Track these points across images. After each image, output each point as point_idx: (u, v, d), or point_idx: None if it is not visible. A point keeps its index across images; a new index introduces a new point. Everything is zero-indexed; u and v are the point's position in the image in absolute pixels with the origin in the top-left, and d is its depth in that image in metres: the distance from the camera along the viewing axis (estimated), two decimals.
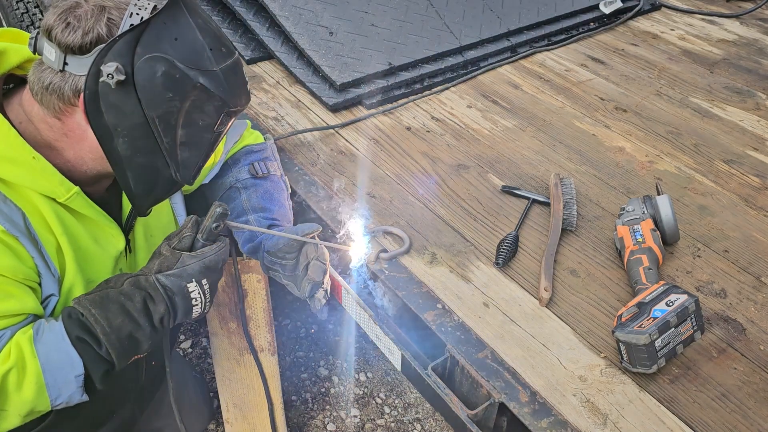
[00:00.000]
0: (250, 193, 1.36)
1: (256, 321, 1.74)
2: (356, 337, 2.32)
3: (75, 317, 0.98)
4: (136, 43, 0.91)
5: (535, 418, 1.02)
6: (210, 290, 1.05)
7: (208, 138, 1.02)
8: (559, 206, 1.42)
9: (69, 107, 0.97)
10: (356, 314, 1.34)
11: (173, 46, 0.92)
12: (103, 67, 0.90)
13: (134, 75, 0.92)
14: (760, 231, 1.45)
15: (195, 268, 1.02)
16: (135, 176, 1.02)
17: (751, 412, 1.06)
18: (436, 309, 1.20)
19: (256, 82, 1.87)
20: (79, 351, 0.97)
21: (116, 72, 0.90)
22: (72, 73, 0.94)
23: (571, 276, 1.30)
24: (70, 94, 0.95)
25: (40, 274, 1.03)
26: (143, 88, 0.93)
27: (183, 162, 1.02)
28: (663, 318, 1.06)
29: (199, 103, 0.96)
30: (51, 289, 1.06)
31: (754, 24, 2.48)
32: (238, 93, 1.01)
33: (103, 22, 0.92)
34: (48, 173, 1.00)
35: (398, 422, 2.07)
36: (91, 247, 1.10)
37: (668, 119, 1.84)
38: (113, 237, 1.14)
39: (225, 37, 1.01)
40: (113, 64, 0.90)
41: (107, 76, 0.90)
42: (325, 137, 1.66)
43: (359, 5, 2.00)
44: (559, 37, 2.24)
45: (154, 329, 1.02)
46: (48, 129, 1.00)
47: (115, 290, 1.00)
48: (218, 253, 1.04)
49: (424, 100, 1.85)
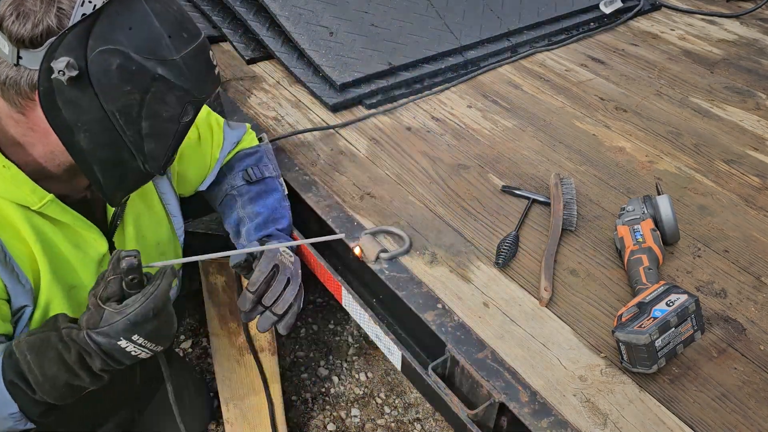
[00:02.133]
0: (244, 200, 1.35)
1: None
2: (357, 337, 2.33)
3: (14, 358, 0.92)
4: (88, 35, 0.86)
5: (535, 418, 1.02)
6: (151, 339, 0.92)
7: (174, 128, 0.97)
8: (559, 206, 1.42)
9: (29, 102, 0.92)
10: (356, 314, 1.34)
11: (128, 36, 0.87)
12: (53, 64, 0.85)
13: (88, 69, 0.87)
14: (760, 231, 1.45)
15: (120, 327, 0.88)
16: (101, 170, 0.97)
17: (752, 412, 1.06)
18: (436, 309, 1.20)
19: (256, 82, 1.87)
20: (12, 395, 0.92)
21: (68, 68, 0.85)
22: (26, 68, 0.88)
23: (571, 276, 1.30)
24: (27, 89, 0.90)
25: (7, 287, 0.99)
26: (99, 83, 0.88)
27: (150, 153, 0.97)
28: (663, 318, 1.06)
29: (160, 94, 0.91)
30: (24, 301, 1.02)
31: (754, 24, 2.49)
32: (202, 80, 0.96)
33: (52, 13, 0.86)
34: (19, 181, 0.96)
35: (398, 422, 2.07)
36: (70, 253, 1.07)
37: (668, 119, 1.84)
38: (94, 241, 1.10)
39: (188, 20, 0.95)
40: (64, 60, 0.85)
41: (58, 72, 0.85)
42: (325, 137, 1.66)
43: (359, 5, 2.00)
44: (559, 37, 2.24)
45: (97, 377, 0.94)
46: (14, 124, 0.96)
47: (56, 334, 0.92)
48: (145, 305, 0.88)
49: (424, 100, 1.85)
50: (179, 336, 2.30)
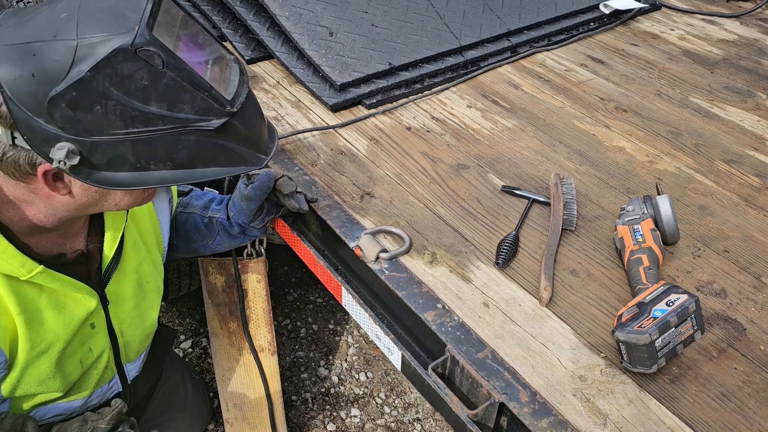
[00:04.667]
0: (190, 207, 1.43)
1: (256, 321, 1.75)
2: (356, 337, 2.33)
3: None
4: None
5: (535, 418, 1.02)
6: None
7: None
8: (560, 206, 1.42)
9: (30, 176, 0.90)
10: (356, 314, 1.34)
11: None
12: (51, 154, 0.84)
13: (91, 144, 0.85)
14: (760, 231, 1.45)
15: None
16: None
17: (752, 412, 1.06)
18: (436, 309, 1.20)
19: (256, 82, 1.87)
20: None
21: (68, 157, 0.83)
22: (23, 147, 0.86)
23: (571, 276, 1.30)
24: (27, 168, 0.88)
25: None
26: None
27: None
28: (663, 318, 1.06)
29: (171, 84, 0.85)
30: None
31: (754, 24, 2.48)
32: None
33: None
34: (8, 255, 0.95)
35: (398, 422, 2.07)
36: (52, 318, 1.06)
37: (668, 119, 1.84)
38: (83, 299, 1.10)
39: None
40: (63, 147, 0.83)
41: (59, 163, 0.83)
42: (325, 137, 1.66)
43: (359, 5, 2.00)
44: (559, 37, 2.24)
45: None
46: (13, 188, 0.94)
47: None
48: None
49: (424, 100, 1.85)
50: (179, 336, 2.30)
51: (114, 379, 1.29)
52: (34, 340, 1.04)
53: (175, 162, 0.90)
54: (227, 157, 0.94)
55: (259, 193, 1.31)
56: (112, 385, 1.30)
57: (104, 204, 0.99)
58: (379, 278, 1.27)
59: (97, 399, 1.27)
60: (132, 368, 1.34)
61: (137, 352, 1.32)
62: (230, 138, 0.92)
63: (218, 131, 0.89)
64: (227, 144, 0.92)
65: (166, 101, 0.85)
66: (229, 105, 0.89)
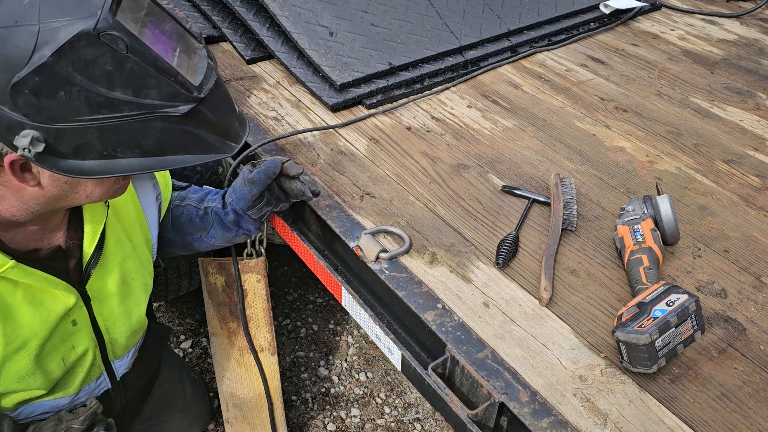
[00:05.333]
0: (186, 200, 1.43)
1: (256, 321, 1.75)
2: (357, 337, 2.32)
3: None
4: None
5: (536, 418, 1.02)
6: None
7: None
8: (560, 206, 1.42)
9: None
10: (356, 314, 1.34)
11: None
12: (16, 141, 0.82)
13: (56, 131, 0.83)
14: (760, 231, 1.45)
15: None
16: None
17: (752, 412, 1.06)
18: (436, 309, 1.20)
19: (256, 82, 1.87)
20: None
21: (32, 144, 0.82)
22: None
23: (571, 276, 1.30)
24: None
25: None
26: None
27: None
28: (663, 318, 1.06)
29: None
30: None
31: (754, 24, 2.48)
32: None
33: None
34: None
35: (398, 422, 2.07)
36: (27, 314, 1.05)
37: (668, 119, 1.84)
38: (61, 295, 1.09)
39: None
40: (28, 134, 0.82)
41: (24, 150, 0.82)
42: (325, 137, 1.66)
43: (359, 5, 2.00)
44: (560, 37, 2.24)
45: None
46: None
47: None
48: None
49: (424, 100, 1.85)
50: (179, 336, 2.30)
51: (102, 376, 1.27)
52: (9, 336, 1.03)
53: (143, 149, 0.89)
54: (196, 144, 0.93)
55: (264, 177, 1.29)
56: (101, 383, 1.28)
57: (75, 196, 0.97)
58: (379, 278, 1.27)
59: (85, 397, 1.25)
60: (120, 365, 1.32)
61: (125, 349, 1.30)
62: (199, 125, 0.92)
63: (186, 117, 0.89)
64: (195, 131, 0.92)
65: (132, 87, 0.84)
66: (197, 91, 0.89)
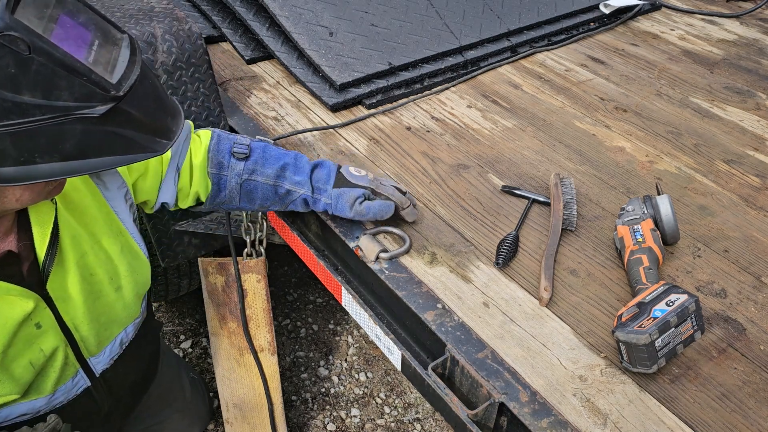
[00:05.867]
0: (258, 173, 1.33)
1: (256, 321, 1.75)
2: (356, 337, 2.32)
3: None
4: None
5: (535, 418, 1.02)
6: None
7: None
8: (559, 206, 1.42)
9: None
10: (356, 314, 1.34)
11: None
12: None
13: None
14: (760, 231, 1.45)
15: None
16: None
17: (752, 412, 1.06)
18: (436, 309, 1.20)
19: (256, 82, 1.87)
20: None
21: None
22: None
23: (571, 276, 1.30)
24: None
25: None
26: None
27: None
28: (663, 318, 1.06)
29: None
30: None
31: (754, 24, 2.48)
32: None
33: None
34: None
35: (398, 422, 2.07)
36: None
37: (668, 119, 1.84)
38: (18, 301, 1.05)
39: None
40: None
41: None
42: (325, 137, 1.66)
43: (359, 5, 2.00)
44: (559, 37, 2.24)
45: None
46: None
47: None
48: None
49: (424, 100, 1.85)
50: (179, 336, 2.30)
51: (78, 374, 1.24)
52: None
53: (63, 153, 0.85)
54: (121, 144, 0.89)
55: (371, 217, 1.32)
56: (78, 381, 1.24)
57: (4, 200, 0.94)
58: (379, 278, 1.27)
59: (63, 396, 1.22)
60: (98, 362, 1.28)
61: (99, 346, 1.26)
62: (121, 124, 0.87)
63: (105, 118, 0.84)
64: (118, 131, 0.87)
65: (40, 89, 0.79)
66: (114, 89, 0.84)
